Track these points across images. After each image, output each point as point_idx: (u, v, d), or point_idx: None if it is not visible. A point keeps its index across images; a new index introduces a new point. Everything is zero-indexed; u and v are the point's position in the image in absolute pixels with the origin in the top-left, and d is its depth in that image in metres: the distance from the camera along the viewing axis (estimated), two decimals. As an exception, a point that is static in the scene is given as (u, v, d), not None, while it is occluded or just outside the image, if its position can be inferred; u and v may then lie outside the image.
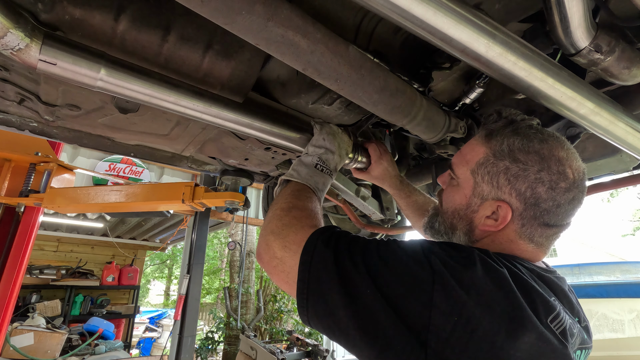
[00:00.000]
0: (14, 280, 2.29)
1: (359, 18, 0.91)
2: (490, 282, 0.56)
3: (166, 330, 9.22)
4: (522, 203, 0.68)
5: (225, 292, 6.52)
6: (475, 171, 0.74)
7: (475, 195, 0.73)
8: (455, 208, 0.77)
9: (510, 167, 0.69)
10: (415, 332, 0.52)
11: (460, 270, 0.56)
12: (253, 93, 1.06)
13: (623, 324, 4.14)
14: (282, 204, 0.82)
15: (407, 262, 0.59)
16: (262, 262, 0.74)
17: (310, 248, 0.65)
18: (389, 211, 1.71)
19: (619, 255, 13.81)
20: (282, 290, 10.05)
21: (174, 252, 16.57)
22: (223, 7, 0.59)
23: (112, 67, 0.73)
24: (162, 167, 5.00)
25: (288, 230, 0.73)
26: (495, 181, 0.70)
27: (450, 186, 0.81)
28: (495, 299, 0.54)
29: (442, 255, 0.59)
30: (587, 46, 0.75)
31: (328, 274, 0.61)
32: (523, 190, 0.67)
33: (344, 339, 0.58)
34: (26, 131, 1.08)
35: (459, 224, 0.76)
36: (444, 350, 0.51)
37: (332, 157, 0.99)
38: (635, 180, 1.33)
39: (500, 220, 0.69)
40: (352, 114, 1.15)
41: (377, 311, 0.55)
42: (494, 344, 0.51)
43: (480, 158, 0.74)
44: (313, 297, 0.61)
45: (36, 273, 5.90)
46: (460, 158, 0.80)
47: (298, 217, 0.77)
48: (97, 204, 1.94)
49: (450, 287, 0.54)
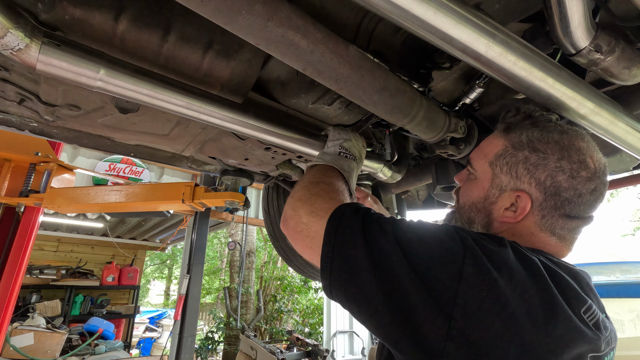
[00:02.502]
0: (14, 280, 2.29)
1: (359, 18, 0.91)
2: (521, 267, 0.55)
3: (166, 330, 9.22)
4: (542, 193, 0.67)
5: (225, 292, 6.53)
6: (493, 163, 0.73)
7: (493, 187, 0.72)
8: (473, 201, 0.76)
9: (529, 157, 0.69)
10: (441, 304, 0.50)
11: (492, 249, 0.56)
12: (253, 93, 1.06)
13: (623, 324, 4.14)
14: (310, 178, 0.82)
15: (437, 235, 0.58)
16: (286, 228, 0.73)
17: (339, 214, 0.65)
18: (389, 211, 1.71)
19: (619, 255, 13.80)
20: (282, 290, 10.03)
21: (174, 252, 16.57)
22: (223, 7, 0.59)
23: (112, 68, 0.73)
24: (162, 167, 5.00)
25: (316, 198, 0.73)
26: (514, 171, 0.70)
27: (468, 181, 0.80)
28: (527, 283, 0.53)
29: (473, 234, 0.58)
30: (587, 46, 0.75)
31: (355, 237, 0.59)
32: (543, 179, 0.67)
33: (366, 305, 0.56)
34: (26, 131, 1.08)
35: (476, 217, 0.75)
36: (468, 325, 0.49)
37: (352, 144, 0.99)
38: (635, 180, 1.33)
39: (520, 211, 0.68)
40: (352, 114, 1.15)
41: (403, 278, 0.53)
42: (522, 327, 0.50)
43: (499, 150, 0.74)
44: (338, 259, 0.59)
45: (36, 273, 5.90)
46: (478, 152, 0.79)
47: (326, 190, 0.77)
48: (97, 204, 1.94)
49: (481, 262, 0.53)
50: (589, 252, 14.80)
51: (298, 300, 9.60)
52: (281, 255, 2.19)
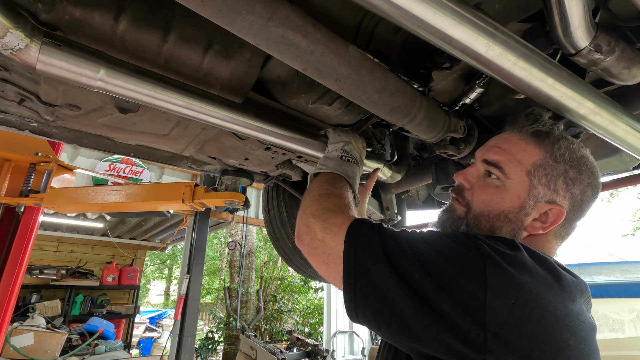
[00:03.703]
0: (14, 280, 2.29)
1: (359, 18, 0.91)
2: (539, 267, 0.57)
3: (166, 330, 9.22)
4: (571, 205, 0.70)
5: (225, 292, 6.53)
6: (531, 172, 0.70)
7: (530, 198, 0.70)
8: (503, 211, 0.70)
9: (568, 171, 0.70)
10: (473, 316, 0.50)
11: (510, 254, 0.57)
12: (253, 93, 1.06)
13: (623, 324, 4.14)
14: (319, 190, 0.83)
15: (454, 247, 0.58)
16: (301, 244, 0.73)
17: (355, 231, 0.64)
18: (388, 211, 1.71)
19: (619, 255, 13.80)
20: (282, 290, 10.03)
21: (174, 252, 16.57)
22: (223, 7, 0.59)
23: (112, 68, 0.73)
24: (162, 167, 5.00)
25: (329, 213, 0.73)
26: (553, 184, 0.69)
27: (491, 186, 0.73)
28: (547, 279, 0.55)
29: (487, 241, 0.59)
30: (587, 46, 0.75)
31: (375, 257, 0.59)
32: (577, 194, 0.70)
33: (396, 324, 0.55)
34: (26, 131, 1.08)
35: (504, 227, 0.70)
36: (503, 332, 0.50)
37: (353, 147, 1.00)
38: (635, 180, 1.33)
39: (550, 223, 0.69)
40: (352, 114, 1.15)
41: (430, 294, 0.53)
42: (552, 327, 0.51)
43: (537, 159, 0.71)
44: (361, 280, 0.59)
45: (36, 273, 5.90)
46: (508, 157, 0.73)
47: (337, 204, 0.77)
48: (97, 204, 1.93)
49: (502, 268, 0.53)
50: (589, 252, 14.79)
51: (298, 300, 9.60)
52: (281, 255, 2.19)
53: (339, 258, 0.63)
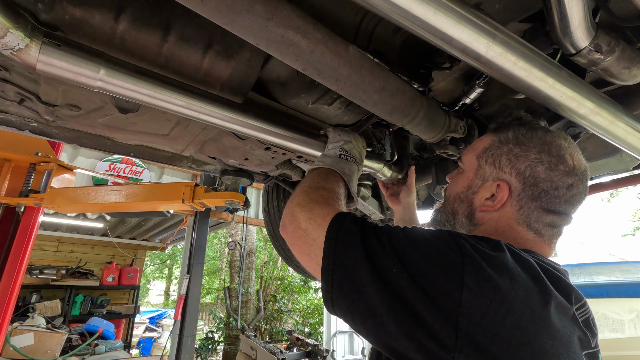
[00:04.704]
0: (14, 280, 2.28)
1: (359, 18, 0.91)
2: (521, 270, 0.56)
3: (166, 330, 9.22)
4: (521, 183, 0.70)
5: (225, 292, 6.53)
6: (480, 155, 0.78)
7: (477, 177, 0.77)
8: (457, 192, 0.80)
9: (512, 149, 0.73)
10: (446, 314, 0.50)
11: (491, 254, 0.56)
12: (253, 93, 1.06)
13: (623, 324, 4.14)
14: (310, 182, 0.84)
15: (435, 244, 0.58)
16: (285, 233, 0.74)
17: (337, 224, 0.65)
18: (389, 211, 1.71)
19: (619, 255, 13.80)
20: (282, 290, 10.02)
21: (174, 252, 16.57)
22: (223, 7, 0.59)
23: (112, 68, 0.73)
24: (162, 167, 5.00)
25: (314, 204, 0.73)
26: (498, 162, 0.74)
27: (457, 175, 0.84)
28: (528, 285, 0.54)
29: (470, 240, 0.58)
30: (587, 46, 0.75)
31: (355, 250, 0.59)
32: (523, 170, 0.70)
33: (370, 318, 0.55)
34: (26, 131, 1.08)
35: (459, 208, 0.78)
36: (475, 333, 0.49)
37: (352, 146, 1.00)
38: (635, 180, 1.33)
39: (498, 199, 0.71)
40: (352, 114, 1.15)
41: (406, 290, 0.53)
42: (528, 331, 0.50)
43: (487, 144, 0.78)
44: (339, 272, 0.59)
45: (36, 273, 5.90)
46: (468, 148, 0.85)
47: (325, 196, 0.78)
48: (97, 204, 1.93)
49: (481, 268, 0.53)
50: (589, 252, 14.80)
51: (298, 300, 9.60)
52: (281, 255, 2.19)
53: (320, 249, 0.63)
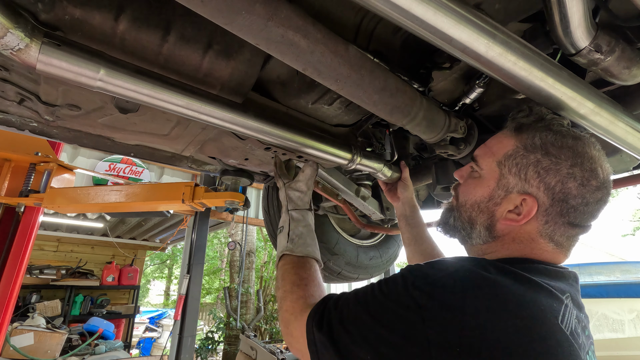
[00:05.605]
0: (14, 280, 2.28)
1: (359, 18, 0.91)
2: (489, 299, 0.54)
3: (166, 330, 9.22)
4: (550, 198, 0.65)
5: (225, 292, 6.52)
6: (502, 163, 0.71)
7: (499, 187, 0.71)
8: (476, 200, 0.74)
9: (541, 160, 0.67)
10: None
11: (449, 293, 0.54)
12: (253, 93, 1.06)
13: (623, 324, 4.14)
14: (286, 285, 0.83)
15: (394, 310, 0.57)
16: (284, 337, 0.78)
17: (311, 337, 0.66)
18: (389, 211, 1.71)
19: (619, 255, 13.80)
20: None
21: (174, 252, 16.58)
22: (223, 7, 0.59)
23: (112, 68, 0.73)
24: (162, 167, 5.00)
25: (290, 315, 0.76)
26: (524, 174, 0.68)
27: (471, 178, 0.78)
28: (497, 314, 0.52)
29: (424, 283, 0.57)
30: (587, 46, 0.75)
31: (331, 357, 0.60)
32: (552, 185, 0.65)
33: None
34: (26, 131, 1.08)
35: (478, 218, 0.73)
36: None
37: (298, 195, 1.01)
38: (635, 180, 1.33)
39: (524, 215, 0.67)
40: (352, 114, 1.15)
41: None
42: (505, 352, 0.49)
43: (509, 150, 0.72)
44: None
45: (36, 273, 5.90)
46: (485, 150, 0.77)
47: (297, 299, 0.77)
48: (97, 204, 1.93)
49: (440, 318, 0.52)
50: (589, 252, 14.80)
51: (298, 300, 9.58)
52: (281, 255, 2.18)
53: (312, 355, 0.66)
